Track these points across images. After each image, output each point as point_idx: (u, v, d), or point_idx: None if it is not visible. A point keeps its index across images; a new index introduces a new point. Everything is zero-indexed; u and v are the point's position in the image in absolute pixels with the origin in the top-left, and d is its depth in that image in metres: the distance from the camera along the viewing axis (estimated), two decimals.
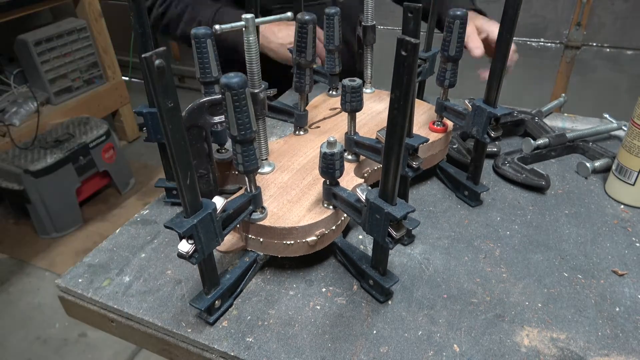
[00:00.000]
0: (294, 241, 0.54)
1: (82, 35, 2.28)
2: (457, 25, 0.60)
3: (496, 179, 0.73)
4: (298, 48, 0.62)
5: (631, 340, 0.49)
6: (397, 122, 0.41)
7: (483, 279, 0.56)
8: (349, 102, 0.57)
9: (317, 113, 0.76)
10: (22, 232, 2.04)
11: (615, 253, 0.59)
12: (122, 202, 2.21)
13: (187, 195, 0.43)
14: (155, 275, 0.57)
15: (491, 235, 0.62)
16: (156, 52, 0.35)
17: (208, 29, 0.54)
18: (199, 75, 0.57)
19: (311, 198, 0.57)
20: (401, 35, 0.38)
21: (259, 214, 0.54)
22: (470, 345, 0.48)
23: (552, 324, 0.50)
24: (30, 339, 1.62)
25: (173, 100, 0.38)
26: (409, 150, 0.55)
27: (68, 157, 1.93)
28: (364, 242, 0.61)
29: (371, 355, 0.47)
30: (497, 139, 0.61)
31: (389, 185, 0.45)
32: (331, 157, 0.49)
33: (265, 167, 0.62)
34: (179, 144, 0.40)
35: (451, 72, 0.64)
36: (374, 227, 0.47)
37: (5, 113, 2.06)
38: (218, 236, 0.47)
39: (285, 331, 0.50)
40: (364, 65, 0.80)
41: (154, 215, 0.67)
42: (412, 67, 0.38)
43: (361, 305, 0.53)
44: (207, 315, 0.51)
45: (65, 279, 0.57)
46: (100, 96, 2.41)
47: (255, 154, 0.49)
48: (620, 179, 0.67)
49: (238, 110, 0.45)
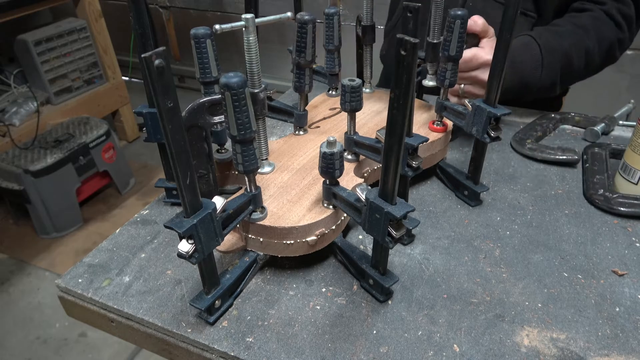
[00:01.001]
0: (293, 241, 0.54)
1: (82, 35, 2.28)
2: (458, 25, 0.60)
3: (496, 178, 0.72)
4: (298, 48, 0.62)
5: (631, 340, 0.49)
6: (397, 121, 0.41)
7: (483, 279, 0.56)
8: (349, 101, 0.57)
9: (317, 113, 0.76)
10: (22, 232, 2.04)
11: (615, 253, 0.59)
12: (122, 202, 2.21)
13: (187, 195, 0.43)
14: (155, 275, 0.57)
15: (491, 235, 0.62)
16: (156, 52, 0.35)
17: (208, 29, 0.54)
18: (199, 75, 0.57)
19: (311, 198, 0.57)
20: (400, 34, 0.38)
21: (259, 214, 0.54)
22: (470, 345, 0.48)
23: (552, 324, 0.50)
24: (30, 339, 1.62)
25: (173, 100, 0.38)
26: (408, 149, 0.55)
27: (68, 157, 1.93)
28: (364, 242, 0.61)
29: (371, 356, 0.47)
30: (497, 139, 0.61)
31: (388, 185, 0.45)
32: (331, 157, 0.49)
33: (265, 167, 0.62)
34: (178, 144, 0.40)
35: (451, 72, 0.64)
36: (373, 227, 0.47)
37: (5, 113, 2.06)
38: (218, 236, 0.47)
39: (285, 331, 0.50)
40: (364, 65, 0.80)
41: (154, 216, 0.67)
42: (411, 67, 0.38)
43: (361, 305, 0.53)
44: (207, 315, 0.51)
45: (65, 279, 0.57)
46: (100, 96, 2.41)
47: (255, 153, 0.49)
48: (625, 178, 0.67)
49: (237, 110, 0.45)
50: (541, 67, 0.83)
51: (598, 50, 0.86)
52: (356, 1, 1.37)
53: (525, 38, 0.84)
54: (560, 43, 0.83)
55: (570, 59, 0.84)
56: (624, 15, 0.88)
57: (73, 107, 2.27)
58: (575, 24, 0.86)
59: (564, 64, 0.84)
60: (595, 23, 0.86)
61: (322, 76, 0.80)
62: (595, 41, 0.85)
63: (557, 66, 0.83)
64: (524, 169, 0.75)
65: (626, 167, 0.67)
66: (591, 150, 0.76)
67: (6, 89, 2.18)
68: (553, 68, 0.83)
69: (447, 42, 0.61)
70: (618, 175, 0.69)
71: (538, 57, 0.82)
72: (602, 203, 0.66)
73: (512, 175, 0.73)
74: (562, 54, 0.83)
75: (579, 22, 0.86)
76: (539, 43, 0.83)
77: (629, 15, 0.88)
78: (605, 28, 0.86)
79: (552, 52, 0.82)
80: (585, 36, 0.85)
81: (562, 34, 0.84)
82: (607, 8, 0.87)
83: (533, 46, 0.83)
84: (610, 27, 0.87)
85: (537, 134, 0.80)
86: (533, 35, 0.84)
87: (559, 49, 0.83)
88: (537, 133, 0.81)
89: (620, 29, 0.88)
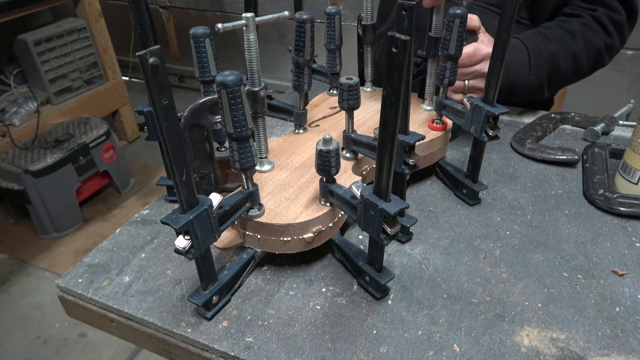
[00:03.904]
0: (290, 238, 0.54)
1: (82, 35, 2.28)
2: (457, 24, 0.60)
3: (496, 178, 0.72)
4: (296, 47, 0.62)
5: (631, 340, 0.49)
6: (390, 118, 0.41)
7: (483, 279, 0.56)
8: (346, 100, 0.57)
9: (317, 112, 0.76)
10: (22, 232, 2.04)
11: (615, 253, 0.59)
12: (122, 202, 2.21)
13: (183, 192, 0.43)
14: (155, 275, 0.57)
15: (491, 235, 0.62)
16: (150, 50, 0.36)
17: (207, 28, 0.55)
18: (198, 74, 0.58)
19: (308, 195, 0.57)
20: (391, 32, 0.38)
21: (256, 211, 0.54)
22: (470, 345, 0.48)
23: (552, 324, 0.50)
24: (30, 339, 1.62)
25: (168, 98, 0.38)
26: (405, 147, 0.55)
27: (68, 157, 1.93)
28: (364, 243, 0.61)
29: (371, 356, 0.47)
30: (495, 138, 0.61)
31: (382, 182, 0.45)
32: (327, 155, 0.49)
33: (264, 165, 0.62)
34: (174, 141, 0.40)
35: (451, 71, 0.64)
36: (368, 224, 0.47)
37: (5, 113, 2.06)
38: (214, 232, 0.47)
39: (285, 331, 0.50)
40: (364, 64, 0.80)
41: (153, 215, 0.67)
42: (402, 64, 0.38)
43: (361, 305, 0.53)
44: (205, 311, 0.51)
45: (65, 279, 0.57)
46: (100, 96, 2.41)
47: (251, 151, 0.49)
48: (625, 178, 0.67)
49: (234, 108, 0.45)
50: (528, 68, 0.83)
51: (586, 54, 0.87)
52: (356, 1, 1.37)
53: (513, 40, 0.84)
54: (547, 46, 0.84)
55: (557, 62, 0.85)
56: (614, 22, 0.89)
57: (73, 107, 2.27)
58: (563, 28, 0.87)
59: (550, 66, 0.84)
60: (583, 29, 0.87)
61: (323, 75, 0.80)
62: (583, 46, 0.87)
63: (544, 67, 0.84)
64: (524, 169, 0.75)
65: (626, 167, 0.67)
66: (591, 150, 0.76)
67: (6, 89, 2.18)
68: (540, 69, 0.84)
69: (446, 41, 0.62)
70: (618, 175, 0.69)
71: (525, 59, 0.83)
72: (602, 203, 0.66)
73: (512, 175, 0.73)
74: (549, 56, 0.84)
75: (568, 27, 0.87)
76: (526, 45, 0.83)
77: (619, 21, 0.89)
78: (594, 34, 0.88)
79: (539, 54, 0.83)
80: (572, 41, 0.86)
81: (549, 37, 0.85)
82: (598, 15, 0.88)
83: (521, 48, 0.83)
84: (599, 34, 0.88)
85: (537, 134, 0.80)
86: (521, 38, 0.85)
87: (546, 51, 0.84)
88: (537, 133, 0.80)
89: (609, 35, 0.89)
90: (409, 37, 0.37)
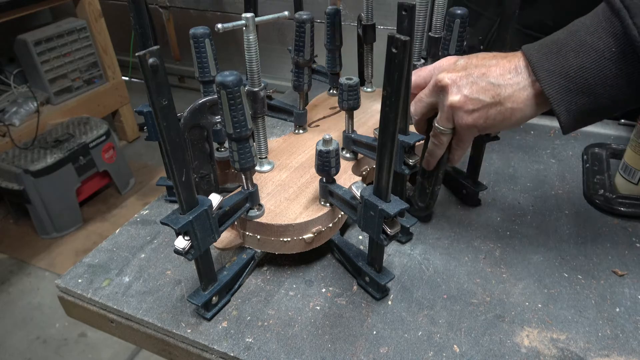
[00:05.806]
0: (290, 238, 0.54)
1: (82, 35, 2.27)
2: (457, 24, 0.60)
3: (496, 178, 0.72)
4: (296, 47, 0.62)
5: (631, 340, 0.49)
6: (389, 119, 0.41)
7: (483, 279, 0.56)
8: (346, 100, 0.57)
9: (317, 112, 0.76)
10: (22, 232, 2.04)
11: (615, 253, 0.59)
12: (122, 202, 2.21)
13: (183, 192, 0.43)
14: (155, 275, 0.57)
15: (491, 235, 0.62)
16: (150, 50, 0.36)
17: (207, 28, 0.54)
18: (198, 74, 0.58)
19: (308, 196, 0.57)
20: (391, 32, 0.38)
21: (256, 212, 0.54)
22: (470, 346, 0.48)
23: (552, 325, 0.50)
24: (30, 339, 1.62)
25: (167, 98, 0.38)
26: (405, 147, 0.55)
27: (68, 157, 1.93)
28: (364, 243, 0.61)
29: (371, 356, 0.47)
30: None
31: (382, 182, 0.45)
32: (327, 155, 0.49)
33: (264, 165, 0.62)
34: (174, 141, 0.40)
35: None
36: (368, 224, 0.47)
37: (5, 113, 2.05)
38: (214, 232, 0.47)
39: (285, 331, 0.50)
40: (365, 64, 0.80)
41: (153, 216, 0.67)
42: (402, 65, 0.38)
43: (361, 305, 0.53)
44: (204, 311, 0.51)
45: (65, 279, 0.57)
46: (100, 96, 2.41)
47: (251, 151, 0.49)
48: (625, 178, 0.67)
49: (233, 109, 0.45)
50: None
51: None
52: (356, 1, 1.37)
53: None
54: None
55: None
56: None
57: (73, 107, 2.26)
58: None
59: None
60: None
61: (323, 75, 0.80)
62: None
63: None
64: (524, 169, 0.75)
65: (626, 167, 0.67)
66: (591, 150, 0.76)
67: (6, 89, 2.17)
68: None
69: (446, 42, 0.61)
70: (618, 175, 0.69)
71: None
72: (603, 203, 0.66)
73: (512, 175, 0.73)
74: None
75: None
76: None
77: None
78: None
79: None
80: None
81: None
82: None
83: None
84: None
85: None
86: None
87: None
88: None
89: None
90: (409, 37, 0.37)
